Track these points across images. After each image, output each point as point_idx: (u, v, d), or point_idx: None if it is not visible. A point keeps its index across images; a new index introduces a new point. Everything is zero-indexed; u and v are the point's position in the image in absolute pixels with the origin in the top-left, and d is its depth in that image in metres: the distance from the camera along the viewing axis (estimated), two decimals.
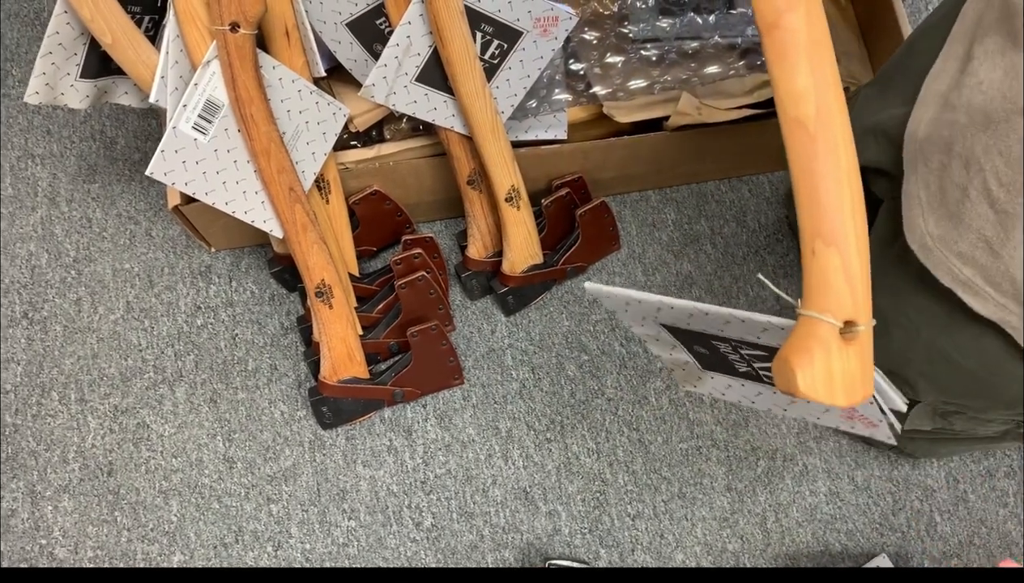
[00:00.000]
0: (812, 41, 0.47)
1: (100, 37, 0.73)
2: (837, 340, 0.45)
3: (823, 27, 0.48)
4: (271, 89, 0.81)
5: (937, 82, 0.62)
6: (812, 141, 0.46)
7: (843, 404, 0.46)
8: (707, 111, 0.95)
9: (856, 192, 0.47)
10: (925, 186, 0.60)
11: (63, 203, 1.06)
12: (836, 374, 0.45)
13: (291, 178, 0.83)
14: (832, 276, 0.46)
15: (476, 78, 0.83)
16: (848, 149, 0.47)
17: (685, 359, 0.64)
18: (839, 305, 0.45)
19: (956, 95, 0.59)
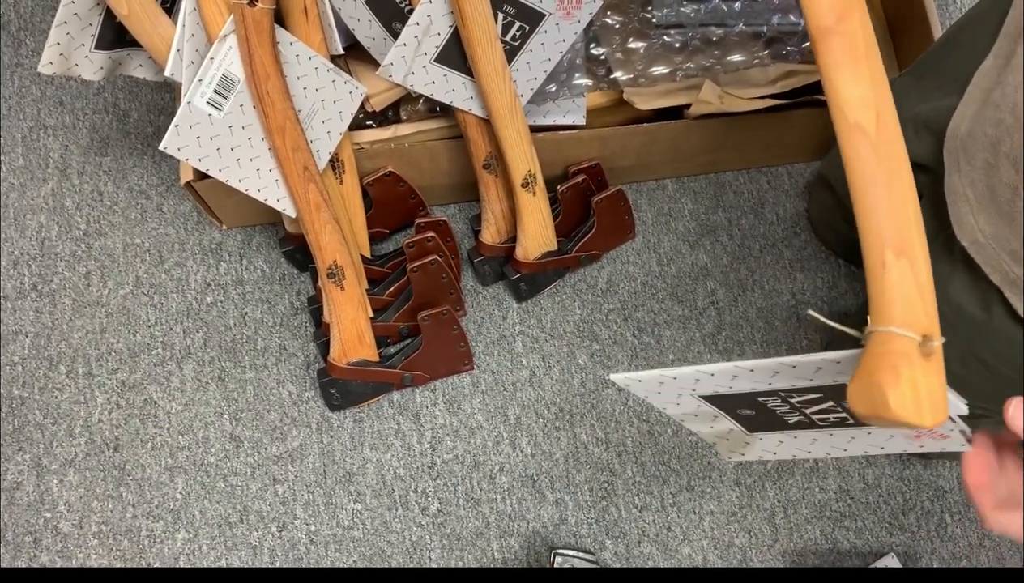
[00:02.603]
0: (868, 45, 0.46)
1: (116, 8, 0.71)
2: (919, 355, 0.43)
3: (872, 33, 0.46)
4: (288, 66, 0.79)
5: (984, 79, 0.60)
6: (875, 148, 0.45)
7: (930, 424, 0.43)
8: (729, 100, 0.94)
9: (916, 200, 0.45)
10: (971, 184, 0.58)
11: (74, 175, 1.05)
12: (922, 392, 0.42)
13: (306, 157, 0.82)
14: (907, 288, 0.43)
15: (496, 60, 0.81)
16: (906, 155, 0.45)
17: (729, 427, 0.60)
18: (916, 319, 0.43)
19: (999, 93, 0.57)
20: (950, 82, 0.65)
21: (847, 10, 0.45)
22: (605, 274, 1.05)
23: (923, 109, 0.67)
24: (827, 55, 0.46)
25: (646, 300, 1.04)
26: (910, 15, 1.02)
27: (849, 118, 0.45)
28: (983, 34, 0.64)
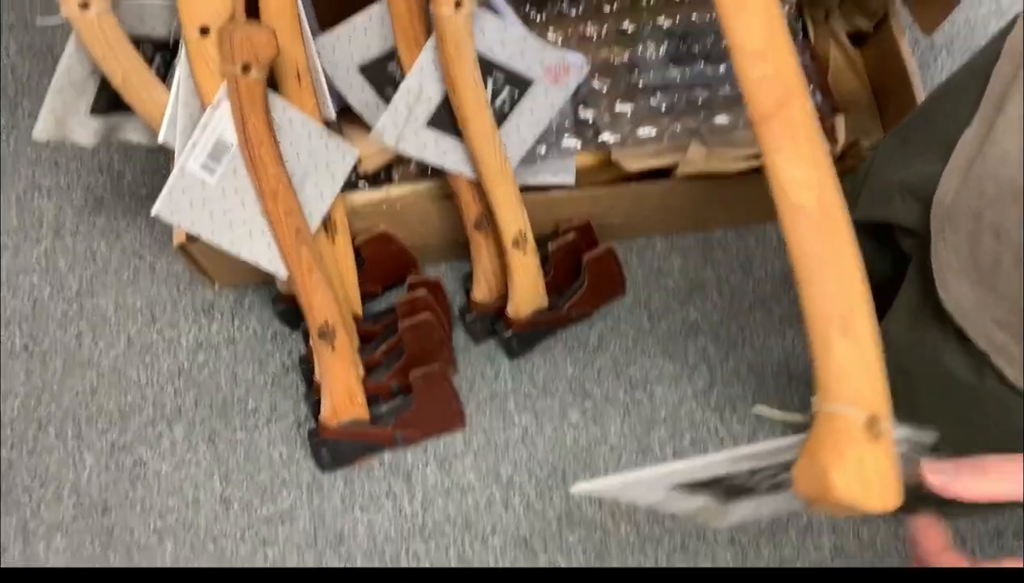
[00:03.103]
0: (809, 129, 0.46)
1: (111, 76, 0.73)
2: (866, 436, 0.42)
3: (813, 117, 0.47)
4: (281, 130, 0.80)
5: (967, 148, 0.61)
6: (817, 227, 0.45)
7: (879, 508, 0.42)
8: (716, 161, 0.95)
9: (864, 278, 0.46)
10: (955, 251, 0.59)
11: (68, 236, 1.05)
12: (870, 473, 0.41)
13: (298, 220, 0.83)
14: (851, 366, 0.43)
15: (486, 124, 0.83)
16: (851, 234, 0.46)
17: (702, 503, 0.60)
18: (862, 397, 0.43)
19: (981, 163, 0.58)
20: (934, 147, 0.66)
21: (788, 97, 0.46)
22: (596, 331, 1.05)
23: (908, 175, 0.68)
24: (769, 140, 0.46)
25: (637, 357, 1.04)
26: (893, 77, 1.05)
27: (791, 199, 0.45)
28: (965, 100, 0.65)
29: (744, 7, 0.46)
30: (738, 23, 0.46)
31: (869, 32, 1.08)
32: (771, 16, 0.47)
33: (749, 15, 0.46)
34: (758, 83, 0.46)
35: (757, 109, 0.46)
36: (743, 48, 0.46)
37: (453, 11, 0.73)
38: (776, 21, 0.47)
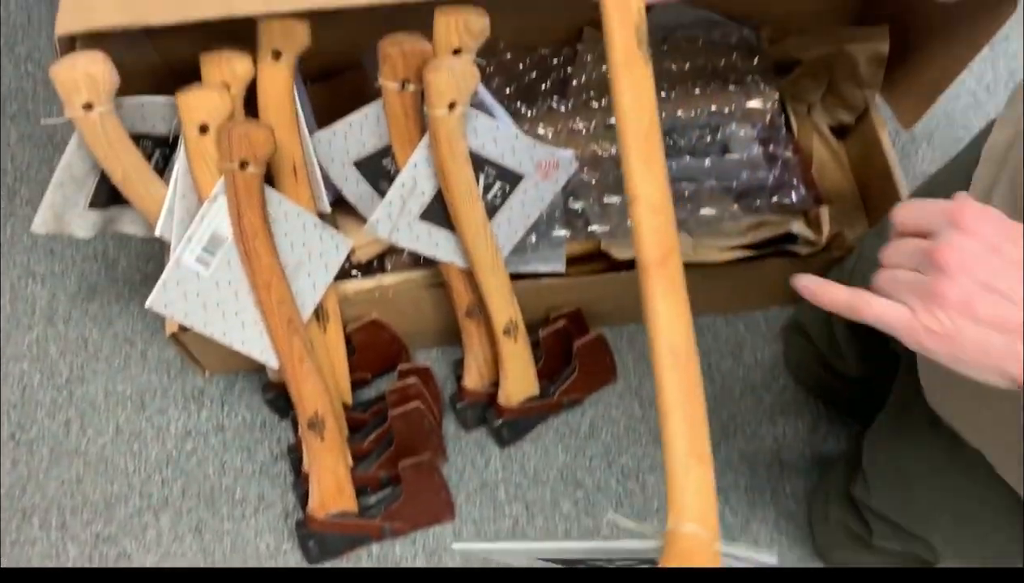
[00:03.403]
0: (681, 281, 0.52)
1: (111, 172, 0.74)
2: (712, 553, 0.47)
3: (682, 271, 0.53)
4: (275, 222, 0.82)
5: None
6: (686, 368, 0.49)
7: None
8: (703, 251, 0.97)
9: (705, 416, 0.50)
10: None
11: (60, 323, 1.06)
12: None
13: (290, 310, 0.83)
14: (707, 492, 0.47)
15: (478, 217, 0.84)
16: (698, 377, 0.50)
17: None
18: (713, 520, 0.47)
19: None
20: None
21: (671, 251, 0.52)
22: (587, 418, 1.05)
23: None
24: (655, 285, 0.51)
25: (629, 445, 1.04)
26: (875, 169, 1.07)
27: (666, 340, 0.50)
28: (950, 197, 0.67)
29: (651, 165, 0.52)
30: (644, 177, 0.52)
31: (851, 125, 1.12)
32: (666, 179, 0.52)
33: (655, 172, 0.52)
34: (653, 233, 0.51)
35: (647, 256, 0.51)
36: (644, 199, 0.52)
37: (447, 112, 0.75)
38: (667, 183, 0.53)
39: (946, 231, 0.42)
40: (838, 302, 0.46)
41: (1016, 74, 1.32)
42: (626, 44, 0.54)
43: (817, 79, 1.07)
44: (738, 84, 1.03)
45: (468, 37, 0.75)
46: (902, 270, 0.44)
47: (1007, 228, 0.42)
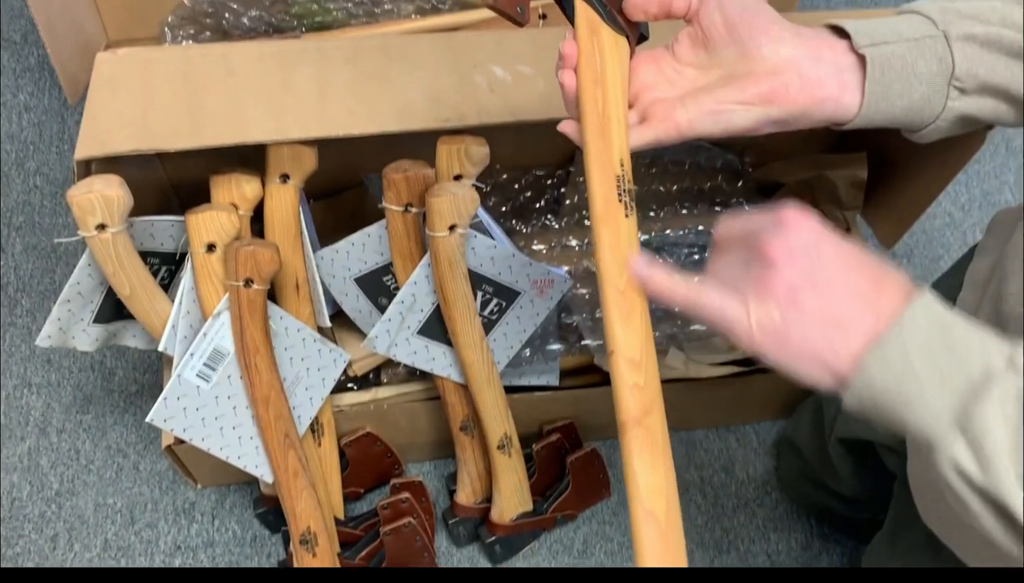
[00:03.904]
0: (664, 440, 0.50)
1: (119, 289, 0.76)
2: None
3: (666, 429, 0.51)
4: (276, 337, 0.83)
5: None
6: (664, 535, 0.48)
7: None
8: (694, 367, 0.99)
9: None
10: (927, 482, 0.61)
11: (53, 433, 1.06)
12: None
13: (287, 425, 0.84)
14: None
15: (475, 333, 0.86)
16: (682, 542, 0.49)
17: None
18: None
19: None
20: None
21: (651, 407, 0.50)
22: (581, 534, 1.04)
23: None
24: (631, 443, 0.49)
25: (624, 562, 1.03)
26: None
27: (645, 504, 0.48)
28: None
29: (630, 319, 0.50)
30: (622, 330, 0.50)
31: None
32: (648, 331, 0.51)
33: (634, 326, 0.50)
34: (631, 389, 0.50)
35: (627, 413, 0.50)
36: (623, 353, 0.50)
37: (447, 233, 0.78)
38: (651, 339, 0.51)
39: (772, 229, 0.44)
40: (676, 296, 0.47)
41: (989, 195, 1.38)
42: (606, 197, 0.52)
43: (799, 200, 1.12)
44: (724, 205, 1.07)
45: (469, 164, 0.78)
46: (734, 267, 0.46)
47: (824, 228, 0.45)
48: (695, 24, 0.53)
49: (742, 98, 0.51)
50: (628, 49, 0.56)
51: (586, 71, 0.54)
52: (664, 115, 0.53)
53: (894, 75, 0.50)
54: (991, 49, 0.50)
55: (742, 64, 0.51)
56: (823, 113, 0.51)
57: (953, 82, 0.51)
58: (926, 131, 0.53)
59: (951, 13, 0.51)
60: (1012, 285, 0.57)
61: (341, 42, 0.83)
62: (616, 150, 0.53)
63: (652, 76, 0.55)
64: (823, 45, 0.52)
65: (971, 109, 0.51)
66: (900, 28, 0.51)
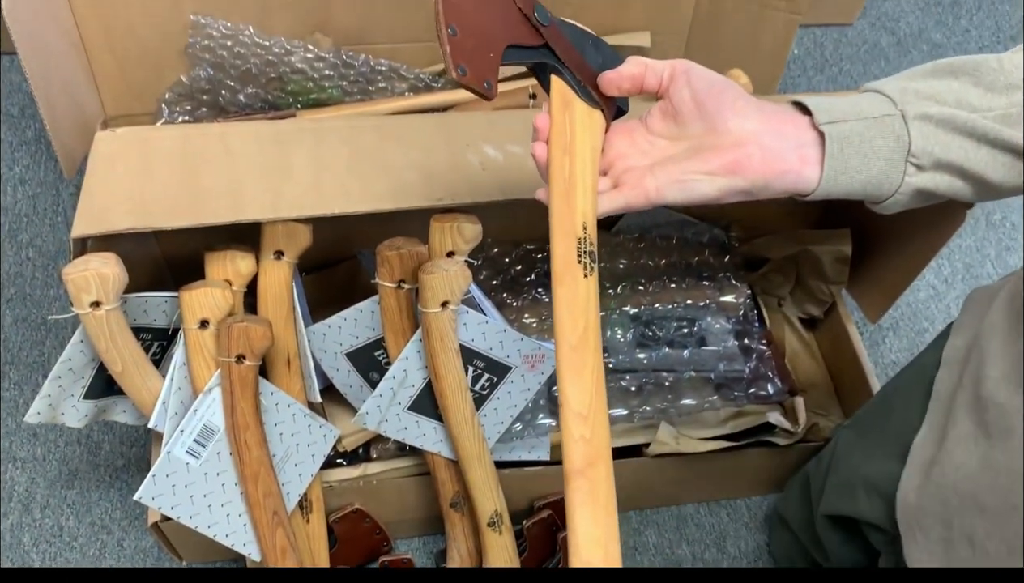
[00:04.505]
0: (608, 493, 0.52)
1: (111, 365, 0.76)
2: None
3: (612, 483, 0.52)
4: (267, 413, 0.83)
5: (922, 450, 0.65)
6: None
7: None
8: (685, 441, 0.99)
9: None
10: (930, 554, 0.61)
11: (36, 510, 1.04)
12: None
13: (276, 502, 0.83)
14: None
15: (466, 408, 0.86)
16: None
17: None
18: None
19: (939, 471, 0.62)
20: (891, 444, 0.70)
21: (596, 460, 0.51)
22: None
23: (870, 472, 0.71)
24: (573, 494, 0.51)
25: None
26: (845, 358, 1.12)
27: (583, 555, 0.50)
28: (914, 401, 0.70)
29: (580, 375, 0.52)
30: (571, 385, 0.52)
31: (820, 318, 1.17)
32: (599, 386, 0.53)
33: (583, 382, 0.52)
34: (576, 441, 0.51)
35: (570, 464, 0.51)
36: (571, 407, 0.52)
37: (439, 309, 0.79)
38: (601, 395, 0.53)
39: None
40: None
41: (971, 268, 1.40)
42: (565, 256, 0.54)
43: (786, 275, 1.14)
44: (711, 279, 1.08)
45: (462, 241, 0.79)
46: None
47: None
48: (666, 99, 0.57)
49: (707, 169, 0.54)
50: (602, 121, 0.60)
51: (556, 141, 0.57)
52: (635, 182, 0.56)
53: (852, 150, 0.53)
54: (946, 128, 0.52)
55: (709, 137, 0.54)
56: (784, 184, 0.54)
57: (910, 159, 0.53)
58: (886, 203, 0.55)
59: (910, 93, 0.54)
60: (990, 368, 0.58)
61: (337, 122, 0.85)
62: (579, 214, 0.55)
63: (626, 146, 0.58)
64: (786, 120, 0.54)
65: (928, 184, 0.53)
66: (860, 106, 0.54)
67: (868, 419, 0.80)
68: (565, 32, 0.59)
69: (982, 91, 0.52)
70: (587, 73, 0.59)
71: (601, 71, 0.59)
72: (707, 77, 0.56)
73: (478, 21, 0.54)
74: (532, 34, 0.57)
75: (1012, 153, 0.52)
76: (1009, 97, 0.51)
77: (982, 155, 0.52)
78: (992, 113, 0.51)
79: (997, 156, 0.52)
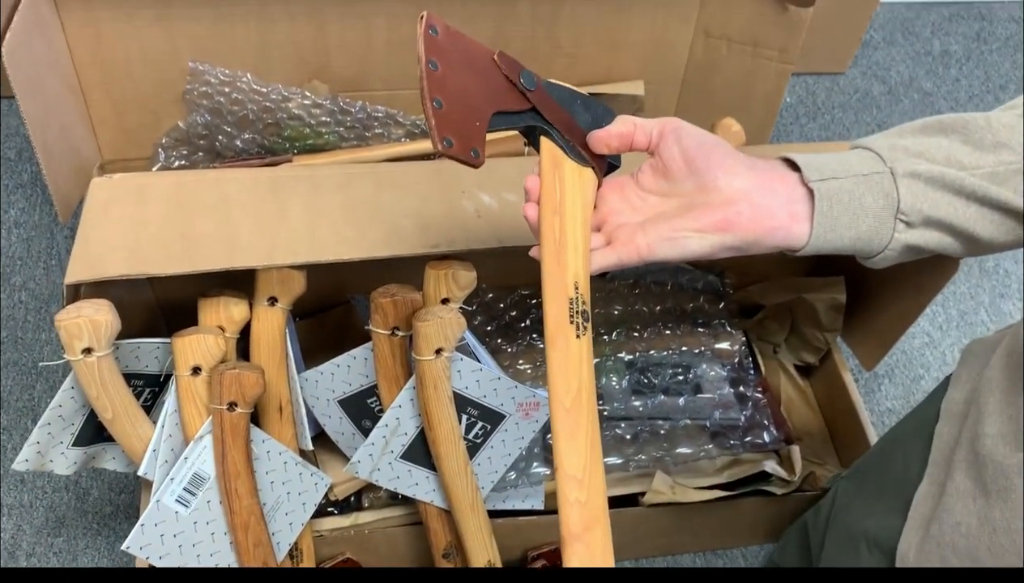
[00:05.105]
0: (605, 555, 0.52)
1: (102, 412, 0.75)
2: None
3: (611, 544, 0.53)
4: (258, 461, 0.82)
5: (922, 505, 0.64)
6: None
7: None
8: (681, 491, 0.98)
9: None
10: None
11: (22, 558, 1.02)
12: None
13: (266, 552, 0.82)
14: None
15: (460, 457, 0.85)
16: None
17: None
18: None
19: (937, 529, 0.61)
20: (892, 497, 0.69)
21: (592, 523, 0.52)
22: None
23: (870, 526, 0.71)
24: (571, 558, 0.51)
25: None
26: (841, 405, 1.12)
27: None
28: (913, 454, 0.69)
29: (574, 437, 0.52)
30: (566, 448, 0.52)
31: (815, 365, 1.17)
32: (595, 451, 0.53)
33: (577, 445, 0.52)
34: (572, 505, 0.51)
35: (567, 528, 0.51)
36: (565, 471, 0.52)
37: (434, 357, 0.78)
38: (597, 457, 0.53)
39: None
40: None
41: (966, 315, 1.41)
42: (557, 318, 0.54)
43: (780, 322, 1.14)
44: (706, 326, 1.08)
45: (456, 288, 0.79)
46: None
47: None
48: (656, 156, 0.57)
49: (697, 226, 0.54)
50: (594, 179, 0.60)
51: (546, 202, 0.57)
52: (626, 239, 0.56)
53: (842, 208, 0.53)
54: (934, 186, 0.52)
55: (699, 195, 0.55)
56: (774, 240, 0.54)
57: (899, 216, 0.53)
58: (876, 259, 0.56)
59: (899, 150, 0.54)
60: (988, 425, 0.58)
61: (332, 169, 0.85)
62: (570, 274, 0.55)
63: (618, 202, 0.59)
64: (775, 177, 0.55)
65: (917, 241, 0.54)
66: (850, 163, 0.54)
67: (868, 471, 0.79)
68: (552, 94, 0.59)
69: (971, 149, 0.52)
70: (576, 133, 0.59)
71: (591, 129, 0.59)
72: (696, 135, 0.56)
73: (463, 91, 0.55)
74: (519, 99, 0.58)
75: (1001, 210, 0.52)
76: (997, 155, 0.52)
77: (971, 212, 0.52)
78: (980, 171, 0.52)
79: (986, 213, 0.52)
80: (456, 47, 0.56)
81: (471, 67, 0.56)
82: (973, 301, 1.42)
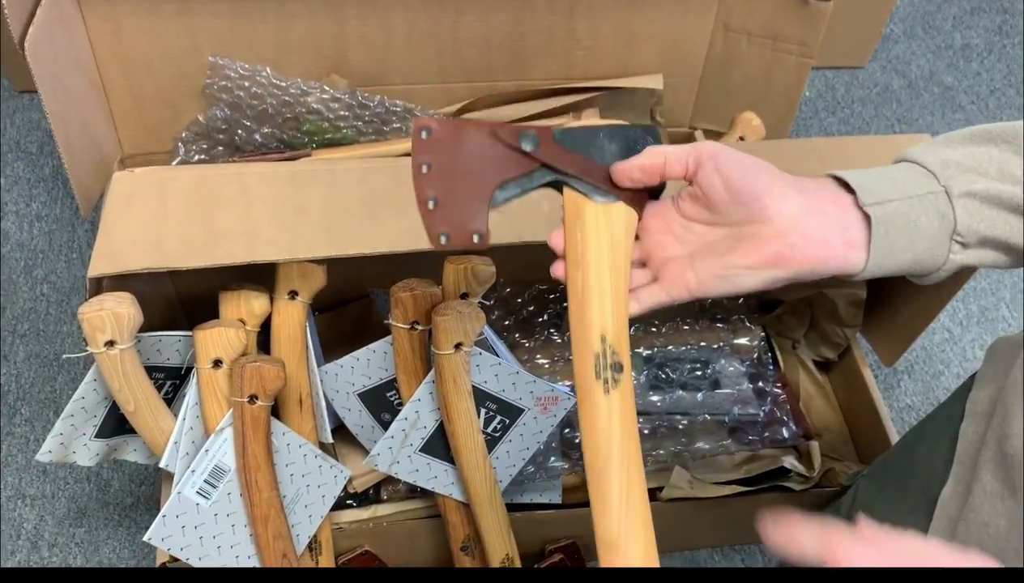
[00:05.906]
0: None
1: (124, 405, 0.76)
2: None
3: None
4: (278, 454, 0.83)
5: (948, 506, 0.64)
6: None
7: None
8: (699, 486, 0.98)
9: None
10: None
11: (44, 548, 1.03)
12: None
13: (286, 544, 0.83)
14: None
15: (478, 451, 0.86)
16: None
17: None
18: None
19: (964, 529, 0.61)
20: (914, 496, 0.69)
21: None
22: None
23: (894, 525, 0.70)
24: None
25: None
26: (860, 401, 1.11)
27: None
28: (939, 450, 0.68)
29: (605, 500, 0.52)
30: (599, 512, 0.52)
31: (835, 361, 1.16)
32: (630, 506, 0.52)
33: (608, 508, 0.52)
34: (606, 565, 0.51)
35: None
36: (599, 535, 0.52)
37: (453, 351, 0.79)
38: (635, 510, 0.52)
39: None
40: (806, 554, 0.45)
41: (987, 311, 1.39)
42: (583, 378, 0.53)
43: (800, 317, 1.13)
44: (725, 321, 1.08)
45: (475, 283, 0.79)
46: None
47: None
48: (696, 185, 0.54)
49: (748, 263, 0.52)
50: (626, 213, 0.56)
51: (569, 256, 0.55)
52: (675, 277, 0.54)
53: (897, 232, 0.51)
54: (991, 205, 0.51)
55: (749, 226, 0.52)
56: (829, 269, 0.52)
57: (955, 237, 0.52)
58: (928, 279, 0.54)
59: (952, 167, 0.52)
60: (1015, 426, 0.57)
61: (352, 163, 0.86)
62: (595, 328, 0.53)
63: (662, 233, 0.56)
64: (827, 199, 0.52)
65: (972, 260, 0.52)
66: (903, 182, 0.52)
67: (890, 470, 0.78)
68: (565, 142, 0.56)
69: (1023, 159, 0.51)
70: (598, 172, 0.56)
71: (617, 160, 0.55)
72: (738, 162, 0.52)
73: (461, 179, 0.53)
74: (524, 161, 0.55)
75: None
76: None
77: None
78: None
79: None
80: (452, 138, 0.54)
81: (469, 151, 0.54)
82: (994, 297, 1.41)
